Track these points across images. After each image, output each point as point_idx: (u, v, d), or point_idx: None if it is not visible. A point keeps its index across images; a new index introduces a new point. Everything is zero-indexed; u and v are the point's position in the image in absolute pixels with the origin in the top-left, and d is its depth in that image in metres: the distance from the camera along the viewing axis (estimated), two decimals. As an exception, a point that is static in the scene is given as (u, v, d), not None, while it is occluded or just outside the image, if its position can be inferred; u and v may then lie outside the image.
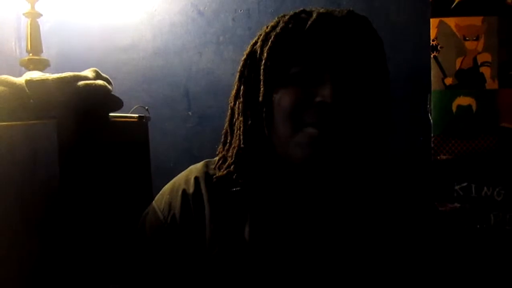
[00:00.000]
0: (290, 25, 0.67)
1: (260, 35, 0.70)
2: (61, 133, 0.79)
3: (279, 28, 0.67)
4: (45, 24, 1.19)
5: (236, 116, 0.71)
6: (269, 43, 0.67)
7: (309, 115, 0.64)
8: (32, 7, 1.11)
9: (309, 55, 0.65)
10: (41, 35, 1.13)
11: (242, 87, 0.71)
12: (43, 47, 1.13)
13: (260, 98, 0.67)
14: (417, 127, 1.24)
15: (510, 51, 1.20)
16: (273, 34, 0.67)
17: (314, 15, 0.66)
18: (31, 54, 1.10)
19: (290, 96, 0.65)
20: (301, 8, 0.69)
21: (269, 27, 0.70)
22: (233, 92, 0.73)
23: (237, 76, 0.72)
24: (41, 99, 0.81)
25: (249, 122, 0.69)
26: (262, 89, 0.67)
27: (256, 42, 0.71)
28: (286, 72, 0.66)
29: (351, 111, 0.64)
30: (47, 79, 0.81)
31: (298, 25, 0.66)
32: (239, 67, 0.72)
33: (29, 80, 0.80)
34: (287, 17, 0.68)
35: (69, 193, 0.82)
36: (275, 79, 0.67)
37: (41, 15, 1.13)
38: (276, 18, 0.70)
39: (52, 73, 1.00)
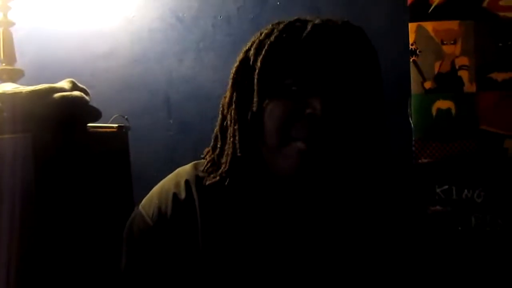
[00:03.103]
0: (284, 35, 0.66)
1: (254, 42, 0.69)
2: (36, 147, 0.77)
3: (273, 37, 0.66)
4: (18, 32, 1.15)
5: (229, 122, 0.70)
6: (263, 52, 0.66)
7: (298, 128, 0.63)
8: (5, 15, 1.09)
9: (303, 67, 0.64)
10: (15, 43, 1.10)
11: (235, 94, 0.70)
12: (17, 56, 1.10)
13: (254, 108, 0.67)
14: (398, 131, 1.25)
15: (486, 55, 1.22)
16: (267, 43, 0.66)
17: (309, 27, 0.65)
18: (4, 64, 1.07)
19: (281, 109, 0.65)
20: (296, 17, 0.68)
21: (263, 34, 0.68)
22: (226, 98, 0.72)
23: (230, 83, 0.71)
24: (15, 112, 0.78)
25: (244, 130, 0.68)
26: (255, 99, 0.66)
27: (249, 49, 0.69)
28: (280, 83, 0.65)
29: (342, 124, 0.63)
30: (20, 92, 0.79)
31: (292, 35, 0.65)
32: (232, 74, 0.71)
33: (1, 94, 0.78)
34: (281, 26, 0.67)
35: (47, 207, 0.80)
36: (268, 89, 0.66)
37: (14, 23, 1.10)
38: (270, 26, 0.69)
39: (27, 82, 0.98)
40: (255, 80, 0.66)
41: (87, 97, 0.91)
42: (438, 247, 0.79)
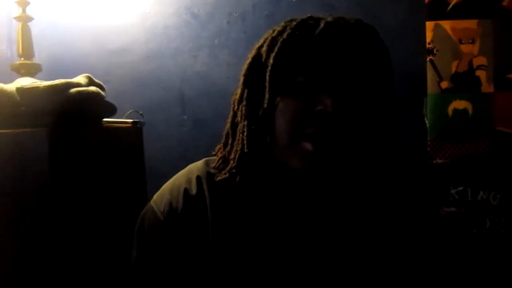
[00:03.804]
0: (297, 32, 0.66)
1: (266, 39, 0.69)
2: (52, 141, 0.78)
3: (286, 34, 0.66)
4: (36, 27, 1.17)
5: (239, 119, 0.71)
6: (276, 49, 0.66)
7: (309, 125, 0.63)
8: (23, 10, 1.10)
9: (314, 64, 0.64)
10: (33, 38, 1.11)
11: (246, 90, 0.70)
12: (35, 51, 1.11)
13: (265, 105, 0.67)
14: (412, 131, 1.24)
15: (505, 54, 1.20)
16: (279, 40, 0.66)
17: (322, 25, 0.65)
18: (22, 59, 1.09)
19: (292, 106, 0.65)
20: (309, 15, 0.68)
21: (275, 31, 0.68)
22: (237, 95, 0.72)
23: (242, 79, 0.71)
24: (32, 107, 0.79)
25: (253, 127, 0.68)
26: (267, 96, 0.67)
27: (261, 46, 0.70)
28: (291, 80, 0.65)
29: (352, 121, 0.63)
30: (38, 87, 0.79)
31: (305, 33, 0.65)
32: (244, 70, 0.71)
33: (20, 88, 0.79)
34: (294, 23, 0.67)
35: (61, 201, 0.81)
36: (280, 86, 0.66)
37: (33, 18, 1.12)
38: (283, 23, 0.69)
39: (44, 77, 0.99)
40: (267, 77, 0.66)
41: (103, 93, 0.92)
42: (449, 249, 0.78)
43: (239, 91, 0.71)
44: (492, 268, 1.18)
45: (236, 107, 0.72)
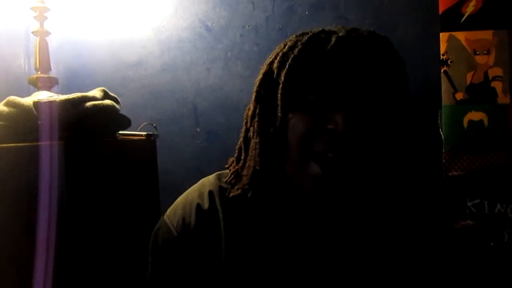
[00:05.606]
0: (307, 48, 0.64)
1: (277, 54, 0.68)
2: (68, 153, 0.79)
3: (296, 50, 0.65)
4: (53, 41, 1.19)
5: (251, 134, 0.70)
6: (287, 66, 0.65)
7: (319, 142, 0.62)
8: (41, 25, 1.12)
9: (326, 82, 0.63)
10: (50, 52, 1.13)
11: (258, 106, 0.69)
12: (51, 64, 1.13)
13: (277, 123, 0.66)
14: (427, 143, 1.23)
15: (521, 65, 1.18)
16: (290, 56, 0.65)
17: (333, 40, 0.63)
18: (39, 72, 1.10)
19: (303, 123, 0.64)
20: (320, 28, 0.67)
21: (286, 46, 0.67)
22: (250, 110, 0.71)
23: (254, 96, 0.70)
24: (48, 120, 0.81)
25: (265, 143, 0.68)
26: (279, 114, 0.66)
27: (272, 62, 0.69)
28: (303, 97, 0.64)
29: (364, 139, 0.62)
30: (54, 101, 0.81)
31: (316, 48, 0.64)
32: (256, 86, 0.70)
33: (37, 102, 0.80)
34: (305, 38, 0.65)
35: (77, 213, 0.81)
36: (292, 103, 0.65)
37: (50, 33, 1.14)
38: (294, 37, 0.68)
39: (61, 90, 1.01)
40: (279, 95, 0.66)
41: (117, 106, 0.93)
42: (466, 263, 0.77)
43: (251, 107, 0.71)
44: (510, 282, 1.15)
45: (249, 123, 0.72)
